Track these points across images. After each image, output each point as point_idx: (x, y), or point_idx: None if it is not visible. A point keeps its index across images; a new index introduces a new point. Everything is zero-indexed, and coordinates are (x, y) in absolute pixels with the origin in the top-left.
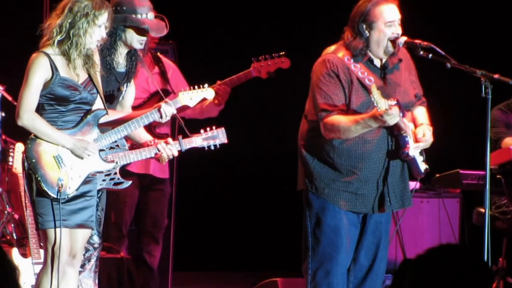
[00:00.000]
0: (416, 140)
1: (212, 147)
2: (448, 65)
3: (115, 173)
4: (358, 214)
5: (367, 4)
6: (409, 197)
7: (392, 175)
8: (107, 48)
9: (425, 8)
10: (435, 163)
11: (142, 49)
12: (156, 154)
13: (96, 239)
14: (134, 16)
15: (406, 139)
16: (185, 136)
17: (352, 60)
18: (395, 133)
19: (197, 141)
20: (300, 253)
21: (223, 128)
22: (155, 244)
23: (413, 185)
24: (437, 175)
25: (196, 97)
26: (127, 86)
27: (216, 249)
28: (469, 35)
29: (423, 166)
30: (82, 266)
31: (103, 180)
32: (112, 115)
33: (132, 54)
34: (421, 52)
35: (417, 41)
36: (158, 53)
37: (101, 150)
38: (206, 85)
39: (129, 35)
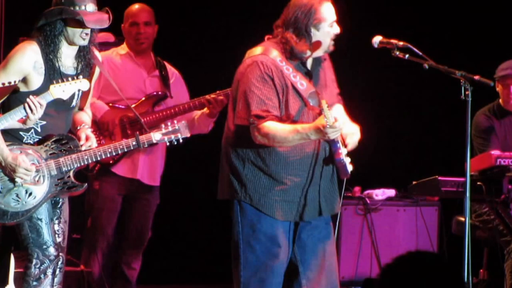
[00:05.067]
0: (345, 144)
1: (175, 142)
2: (426, 66)
3: (68, 177)
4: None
5: (312, 3)
6: (338, 202)
7: (324, 179)
8: (48, 44)
9: (403, 7)
10: (411, 169)
11: (87, 45)
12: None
13: (52, 251)
14: (71, 8)
15: (338, 145)
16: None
17: (284, 63)
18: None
19: (156, 136)
20: None
21: (184, 122)
22: (136, 257)
23: (389, 192)
24: (414, 182)
25: (69, 89)
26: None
27: (181, 261)
28: (447, 34)
29: (350, 167)
30: (38, 279)
31: (56, 185)
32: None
33: (82, 55)
34: (397, 53)
35: (393, 41)
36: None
37: (52, 154)
38: (80, 76)
39: (70, 30)
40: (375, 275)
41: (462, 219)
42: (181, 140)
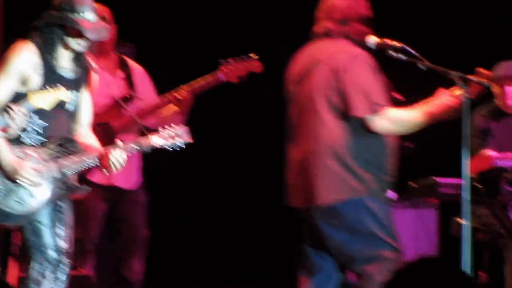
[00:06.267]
0: None
1: (178, 147)
2: (422, 66)
3: (70, 179)
4: None
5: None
6: None
7: None
8: (45, 45)
9: (397, 7)
10: (409, 171)
11: (85, 52)
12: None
13: (52, 254)
14: (70, 14)
15: None
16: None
17: None
18: None
19: (157, 140)
20: (274, 267)
21: (185, 127)
22: (136, 260)
23: (390, 195)
24: (412, 184)
25: (49, 97)
26: (73, 95)
27: (184, 263)
28: (443, 35)
29: None
30: (37, 282)
31: (58, 187)
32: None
33: (78, 59)
34: (393, 53)
35: (388, 41)
36: (125, 57)
37: (53, 156)
38: (58, 85)
39: (67, 35)
40: None
41: (461, 221)
42: (184, 146)
